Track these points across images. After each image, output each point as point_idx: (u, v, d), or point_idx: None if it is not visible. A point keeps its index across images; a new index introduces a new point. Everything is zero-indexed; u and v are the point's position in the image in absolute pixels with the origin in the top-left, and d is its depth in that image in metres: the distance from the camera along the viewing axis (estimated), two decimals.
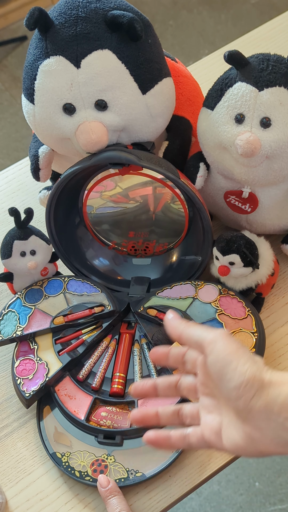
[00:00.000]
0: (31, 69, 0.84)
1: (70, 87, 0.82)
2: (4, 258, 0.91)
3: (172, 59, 1.00)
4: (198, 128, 0.90)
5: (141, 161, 0.82)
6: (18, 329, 0.90)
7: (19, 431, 0.88)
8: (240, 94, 0.83)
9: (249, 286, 0.89)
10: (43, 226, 0.93)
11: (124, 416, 0.85)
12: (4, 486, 0.84)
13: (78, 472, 0.81)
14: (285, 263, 0.98)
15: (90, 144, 0.83)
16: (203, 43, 2.52)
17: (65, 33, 0.81)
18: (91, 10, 0.81)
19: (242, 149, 0.82)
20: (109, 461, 0.82)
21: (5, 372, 0.94)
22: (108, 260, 1.00)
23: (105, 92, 0.82)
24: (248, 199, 0.91)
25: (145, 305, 0.91)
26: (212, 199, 0.96)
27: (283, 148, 0.83)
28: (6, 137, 2.36)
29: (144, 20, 0.84)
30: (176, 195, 0.91)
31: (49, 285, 0.94)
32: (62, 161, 0.96)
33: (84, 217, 0.97)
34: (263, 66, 0.83)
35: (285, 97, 0.82)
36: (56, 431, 0.85)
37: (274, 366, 0.89)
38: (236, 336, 0.85)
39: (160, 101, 0.86)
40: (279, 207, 0.92)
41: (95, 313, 0.91)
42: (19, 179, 1.15)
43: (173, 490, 0.81)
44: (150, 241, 0.98)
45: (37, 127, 0.88)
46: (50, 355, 0.88)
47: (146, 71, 0.83)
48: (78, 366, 0.90)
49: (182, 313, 0.89)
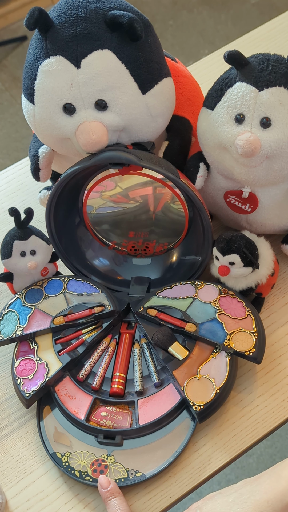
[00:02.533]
0: (31, 69, 0.84)
1: (70, 87, 0.82)
2: (4, 258, 0.91)
3: (172, 59, 1.00)
4: (198, 128, 0.90)
5: (141, 161, 0.82)
6: (18, 329, 0.90)
7: (19, 431, 0.88)
8: (240, 94, 0.83)
9: (249, 286, 0.89)
10: (43, 226, 0.93)
11: (124, 416, 0.85)
12: (4, 486, 0.84)
13: (78, 472, 0.81)
14: (285, 263, 0.98)
15: (90, 144, 0.83)
16: (203, 43, 2.52)
17: (65, 33, 0.81)
18: (91, 10, 0.81)
19: (242, 149, 0.82)
20: (109, 461, 0.82)
21: (5, 372, 0.94)
22: (108, 260, 1.00)
23: (105, 92, 0.82)
24: (248, 199, 0.91)
25: (145, 305, 0.91)
26: (212, 199, 0.96)
27: (283, 148, 0.83)
28: (6, 137, 2.36)
29: (144, 20, 0.84)
30: (176, 195, 0.91)
31: (49, 285, 0.94)
32: (62, 161, 0.96)
33: (84, 217, 0.97)
34: (263, 66, 0.83)
35: (285, 97, 0.82)
36: (56, 431, 0.85)
37: (274, 366, 0.89)
38: (236, 336, 0.85)
39: (160, 101, 0.86)
40: (279, 207, 0.92)
41: (95, 313, 0.91)
42: (19, 179, 1.15)
43: (173, 490, 0.81)
44: (150, 241, 0.98)
45: (37, 127, 0.88)
46: (50, 355, 0.88)
47: (146, 71, 0.84)
48: (78, 366, 0.90)
49: (182, 313, 0.89)
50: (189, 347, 0.87)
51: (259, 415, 0.85)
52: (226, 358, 0.85)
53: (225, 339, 0.85)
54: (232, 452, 0.83)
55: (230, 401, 0.86)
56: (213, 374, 0.84)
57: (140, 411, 0.84)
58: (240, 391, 0.87)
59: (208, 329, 0.86)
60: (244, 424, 0.85)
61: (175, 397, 0.84)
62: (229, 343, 0.85)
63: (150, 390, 0.87)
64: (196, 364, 0.85)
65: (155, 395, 0.85)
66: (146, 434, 0.83)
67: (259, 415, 0.85)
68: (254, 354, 0.84)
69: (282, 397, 0.86)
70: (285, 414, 0.85)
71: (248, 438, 0.84)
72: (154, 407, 0.84)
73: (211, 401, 0.82)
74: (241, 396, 0.87)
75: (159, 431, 0.83)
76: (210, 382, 0.83)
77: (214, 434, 0.84)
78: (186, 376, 0.84)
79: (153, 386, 0.87)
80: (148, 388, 0.87)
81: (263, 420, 0.85)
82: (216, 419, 0.85)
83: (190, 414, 0.84)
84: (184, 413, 0.84)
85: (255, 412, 0.86)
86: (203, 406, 0.82)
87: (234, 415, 0.86)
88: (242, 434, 0.84)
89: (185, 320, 0.88)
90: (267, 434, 0.85)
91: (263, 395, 0.87)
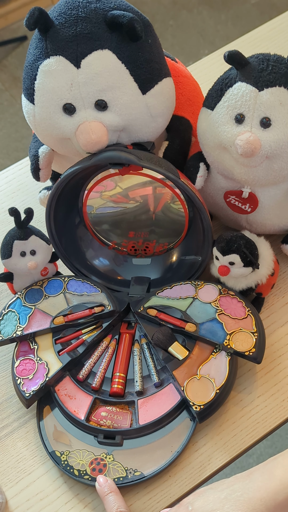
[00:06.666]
0: (31, 69, 0.84)
1: (70, 87, 0.82)
2: (4, 258, 0.91)
3: (172, 59, 1.00)
4: (198, 128, 0.90)
5: (141, 161, 0.82)
6: (18, 329, 0.90)
7: (19, 431, 0.88)
8: (240, 94, 0.83)
9: (249, 286, 0.89)
10: (43, 226, 0.93)
11: (124, 416, 0.85)
12: (4, 486, 0.84)
13: (77, 471, 0.81)
14: (285, 263, 0.98)
15: (90, 144, 0.83)
16: (203, 43, 2.52)
17: (65, 33, 0.81)
18: (91, 10, 0.81)
19: (242, 149, 0.82)
20: (108, 460, 0.82)
21: (5, 372, 0.94)
22: (108, 260, 1.00)
23: (105, 92, 0.82)
24: (248, 199, 0.91)
25: (145, 305, 0.91)
26: (212, 199, 0.96)
27: (283, 148, 0.83)
28: (6, 137, 2.36)
29: (144, 20, 0.84)
30: (176, 195, 0.91)
31: (49, 285, 0.94)
32: (62, 161, 0.96)
33: (84, 217, 0.97)
34: (263, 66, 0.83)
35: (285, 97, 0.82)
36: (55, 430, 0.85)
37: (274, 366, 0.89)
38: (236, 336, 0.85)
39: (160, 101, 0.86)
40: (279, 207, 0.92)
41: (95, 313, 0.91)
42: (19, 179, 1.15)
43: (173, 490, 0.81)
44: (150, 241, 0.98)
45: (37, 127, 0.88)
46: (50, 355, 0.88)
47: (146, 71, 0.84)
48: (78, 366, 0.90)
49: (182, 313, 0.89)
50: (189, 347, 0.87)
51: (259, 415, 0.85)
52: (226, 358, 0.85)
53: (225, 339, 0.85)
54: (232, 452, 0.83)
55: (230, 401, 0.86)
56: (213, 374, 0.84)
57: (140, 411, 0.84)
58: (240, 391, 0.87)
59: (208, 329, 0.86)
60: (244, 424, 0.85)
61: (175, 397, 0.84)
62: (229, 343, 0.85)
63: (150, 390, 0.87)
64: (196, 364, 0.85)
65: (155, 395, 0.85)
66: (146, 434, 0.83)
67: (259, 415, 0.85)
68: (254, 354, 0.84)
69: (282, 397, 0.86)
70: (285, 414, 0.85)
71: (248, 438, 0.84)
72: (154, 407, 0.84)
73: (211, 401, 0.82)
74: (241, 396, 0.87)
75: (159, 431, 0.83)
76: (210, 382, 0.83)
77: (214, 434, 0.84)
78: (186, 376, 0.84)
79: (153, 386, 0.87)
80: (148, 388, 0.87)
81: (263, 420, 0.85)
82: (216, 419, 0.85)
83: (190, 414, 0.84)
84: (184, 413, 0.84)
85: (255, 412, 0.86)
86: (203, 406, 0.82)
87: (234, 415, 0.86)
88: (242, 434, 0.84)
89: (185, 320, 0.88)
90: (267, 434, 0.85)
91: (263, 395, 0.87)
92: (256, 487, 0.67)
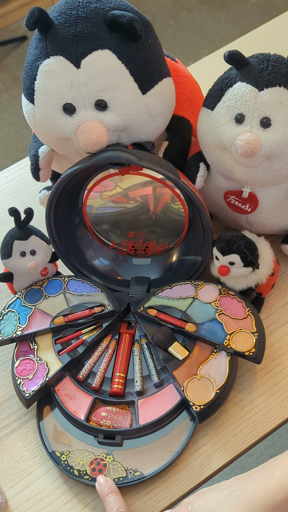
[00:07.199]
0: (31, 69, 0.84)
1: (70, 87, 0.82)
2: (4, 258, 0.91)
3: (172, 59, 1.00)
4: (198, 128, 0.90)
5: (141, 161, 0.82)
6: (18, 329, 0.90)
7: (19, 431, 0.88)
8: (240, 94, 0.83)
9: (249, 286, 0.89)
10: (43, 226, 0.93)
11: (124, 416, 0.85)
12: (4, 486, 0.84)
13: (76, 471, 0.81)
14: (285, 263, 0.98)
15: (90, 144, 0.83)
16: (203, 43, 2.51)
17: (65, 33, 0.81)
18: (91, 10, 0.81)
19: (242, 149, 0.82)
20: (108, 460, 0.82)
21: (5, 372, 0.94)
22: (108, 260, 1.00)
23: (105, 92, 0.82)
24: (248, 199, 0.91)
25: (145, 305, 0.91)
26: (212, 199, 0.96)
27: (283, 148, 0.83)
28: (6, 137, 2.36)
29: (144, 20, 0.84)
30: (176, 195, 0.91)
31: (49, 285, 0.94)
32: (62, 161, 0.96)
33: (84, 217, 0.97)
34: (263, 66, 0.83)
35: (285, 97, 0.82)
36: (55, 430, 0.85)
37: (274, 366, 0.89)
38: (236, 336, 0.85)
39: (160, 101, 0.86)
40: (279, 207, 0.92)
41: (95, 313, 0.91)
42: (19, 179, 1.15)
43: (173, 490, 0.81)
44: (150, 241, 0.98)
45: (37, 127, 0.88)
46: (50, 355, 0.88)
47: (146, 71, 0.84)
48: (78, 366, 0.90)
49: (182, 313, 0.89)
50: (189, 347, 0.87)
51: (259, 415, 0.85)
52: (226, 358, 0.85)
53: (225, 339, 0.85)
54: (232, 452, 0.83)
55: (230, 401, 0.86)
56: (213, 374, 0.84)
57: (140, 411, 0.84)
58: (240, 391, 0.87)
59: (208, 329, 0.86)
60: (244, 424, 0.85)
61: (175, 397, 0.84)
62: (229, 343, 0.85)
63: (150, 390, 0.87)
64: (196, 364, 0.85)
65: (155, 395, 0.85)
66: (146, 434, 0.83)
67: (259, 415, 0.85)
68: (254, 354, 0.84)
69: (282, 397, 0.86)
70: (285, 414, 0.85)
71: (248, 438, 0.84)
72: (154, 407, 0.84)
73: (211, 401, 0.82)
74: (241, 396, 0.87)
75: (159, 431, 0.83)
76: (210, 382, 0.83)
77: (214, 434, 0.84)
78: (186, 376, 0.84)
79: (153, 386, 0.87)
80: (148, 388, 0.87)
81: (263, 420, 0.85)
82: (216, 419, 0.85)
83: (190, 414, 0.84)
84: (184, 413, 0.84)
85: (255, 412, 0.86)
86: (203, 406, 0.82)
87: (234, 415, 0.86)
88: (242, 434, 0.84)
89: (185, 320, 0.88)
90: (267, 434, 0.85)
91: (263, 395, 0.87)
92: (255, 487, 0.67)
